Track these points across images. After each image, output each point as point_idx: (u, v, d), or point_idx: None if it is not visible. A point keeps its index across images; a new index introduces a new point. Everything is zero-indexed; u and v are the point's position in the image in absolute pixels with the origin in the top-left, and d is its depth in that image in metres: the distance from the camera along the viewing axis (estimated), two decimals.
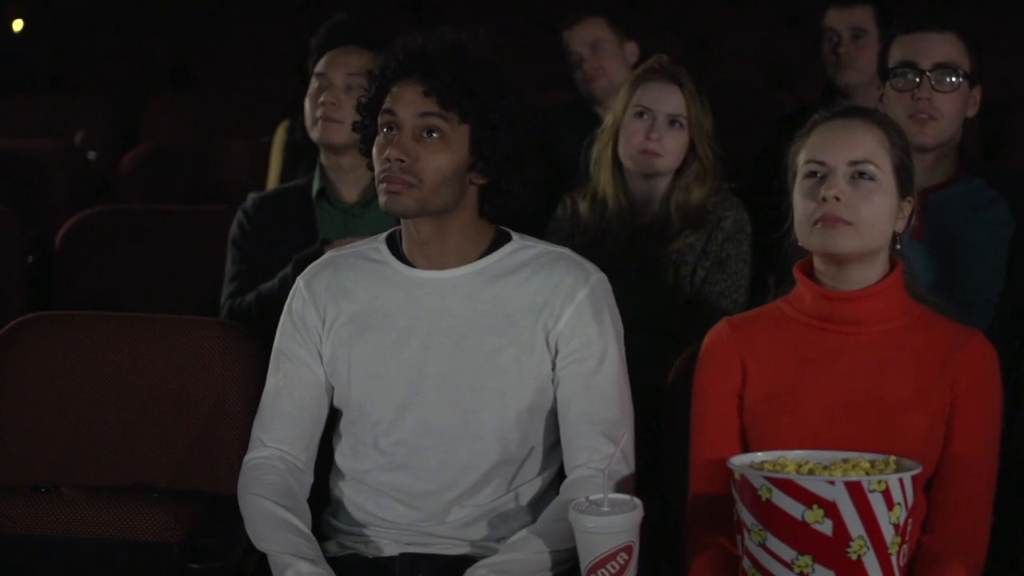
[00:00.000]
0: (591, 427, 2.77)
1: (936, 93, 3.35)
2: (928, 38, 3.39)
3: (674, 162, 3.73)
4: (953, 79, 3.36)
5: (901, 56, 3.40)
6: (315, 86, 3.90)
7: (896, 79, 3.39)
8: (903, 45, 3.42)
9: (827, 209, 2.61)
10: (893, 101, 3.36)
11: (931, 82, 3.35)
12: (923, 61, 3.37)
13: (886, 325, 2.68)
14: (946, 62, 3.36)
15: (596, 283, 2.82)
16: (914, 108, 3.34)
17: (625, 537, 2.49)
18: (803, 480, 2.36)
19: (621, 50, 4.93)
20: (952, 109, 3.37)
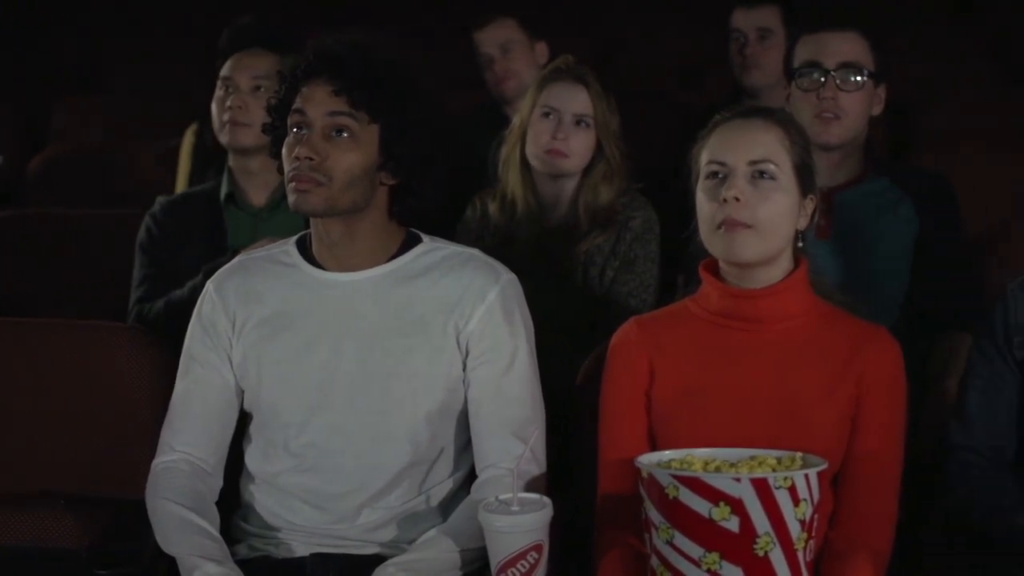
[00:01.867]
0: (501, 427, 2.79)
1: (841, 92, 3.39)
2: (832, 38, 3.43)
3: (581, 162, 3.74)
4: (857, 78, 3.40)
5: (806, 56, 3.44)
6: (221, 90, 3.88)
7: (801, 79, 3.43)
8: (808, 45, 3.46)
9: (728, 212, 2.63)
10: (799, 101, 3.40)
11: (836, 81, 3.39)
12: (827, 61, 3.41)
13: (791, 322, 2.70)
14: (850, 61, 3.41)
15: (506, 284, 2.83)
16: (819, 107, 3.38)
17: (535, 536, 2.50)
18: (710, 478, 2.38)
19: (531, 51, 4.94)
20: (857, 108, 3.41)
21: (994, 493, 2.77)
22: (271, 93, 2.88)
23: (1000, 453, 2.83)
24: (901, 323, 3.32)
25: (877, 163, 3.60)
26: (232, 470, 2.91)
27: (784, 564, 2.39)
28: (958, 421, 2.85)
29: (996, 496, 2.77)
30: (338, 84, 2.74)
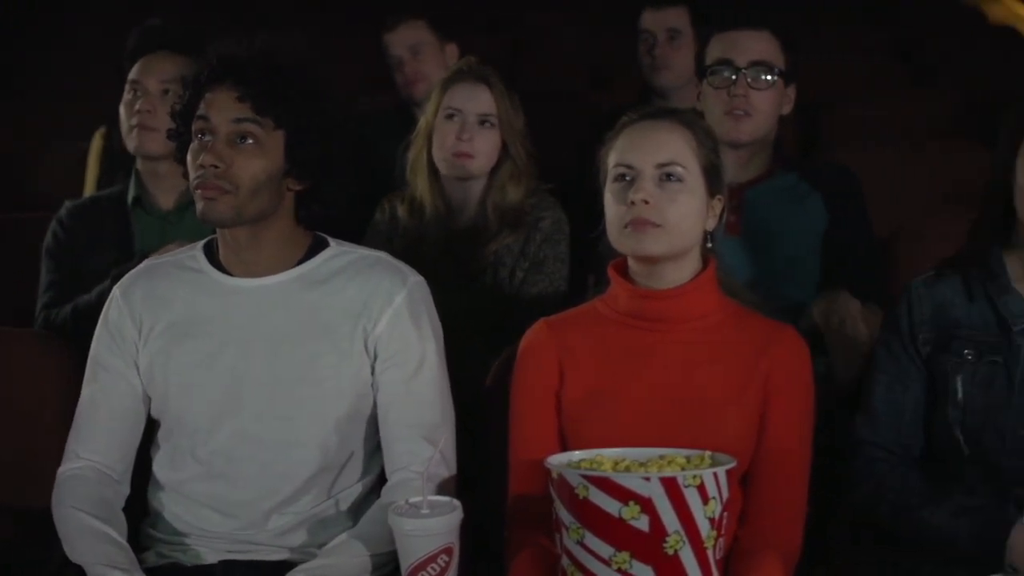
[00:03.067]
0: (411, 431, 2.78)
1: (752, 90, 3.41)
2: (745, 36, 3.46)
3: (487, 163, 3.75)
4: (769, 77, 3.43)
5: (718, 54, 3.46)
6: (129, 93, 3.84)
7: (713, 76, 3.45)
8: (720, 43, 3.48)
9: (636, 213, 2.64)
10: (710, 98, 3.42)
11: (747, 79, 3.42)
12: (739, 59, 3.43)
13: (700, 322, 2.72)
14: (762, 60, 3.43)
15: (414, 286, 2.83)
16: (730, 105, 3.40)
17: (445, 539, 2.50)
18: (619, 477, 2.39)
19: (441, 53, 4.93)
20: (767, 106, 3.43)
21: (901, 489, 2.80)
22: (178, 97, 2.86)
23: (907, 449, 2.86)
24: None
25: (785, 159, 3.63)
26: (140, 477, 2.88)
27: (694, 562, 2.40)
28: (864, 417, 2.88)
29: (903, 492, 2.80)
30: (242, 90, 2.72)
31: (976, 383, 2.77)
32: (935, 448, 2.85)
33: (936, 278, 2.86)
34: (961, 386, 2.78)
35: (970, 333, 2.80)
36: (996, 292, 2.80)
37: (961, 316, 2.81)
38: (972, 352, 2.78)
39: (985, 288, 2.81)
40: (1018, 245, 2.82)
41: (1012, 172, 2.77)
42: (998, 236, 2.85)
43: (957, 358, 2.79)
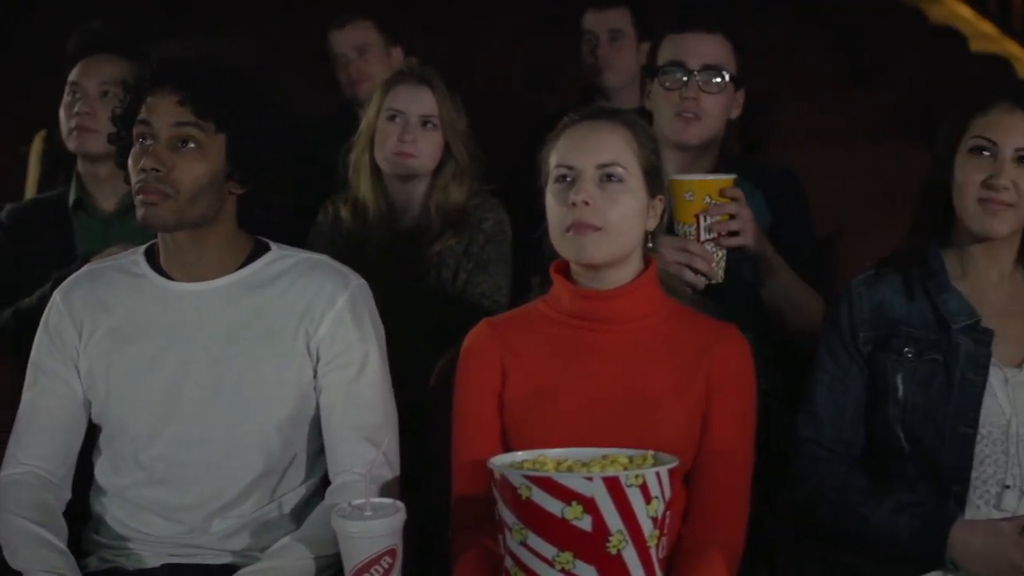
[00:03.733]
0: (354, 432, 2.78)
1: (703, 93, 3.41)
2: (698, 39, 3.46)
3: (430, 163, 3.75)
4: (720, 80, 3.43)
5: (671, 55, 3.46)
6: (69, 95, 3.83)
7: (664, 77, 3.45)
8: (673, 44, 3.48)
9: (577, 215, 2.64)
10: (660, 99, 3.41)
11: (699, 82, 3.41)
12: (692, 61, 3.43)
13: (642, 321, 2.73)
14: (714, 64, 3.43)
15: (356, 289, 2.83)
16: (680, 107, 3.40)
17: (388, 541, 2.50)
18: (561, 477, 2.39)
19: (388, 55, 4.93)
20: (717, 110, 3.44)
21: (842, 487, 2.82)
22: (119, 99, 2.85)
23: (848, 447, 2.88)
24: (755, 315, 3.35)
25: (729, 159, 3.64)
26: (82, 482, 2.87)
27: (637, 562, 2.41)
28: (806, 416, 2.89)
29: (844, 490, 2.81)
30: (183, 94, 2.71)
31: (916, 381, 2.79)
32: (876, 446, 2.87)
33: (876, 277, 2.88)
34: (901, 384, 2.80)
35: (910, 331, 2.82)
36: (935, 290, 2.82)
37: (901, 314, 2.84)
38: (912, 350, 2.81)
39: (925, 286, 2.84)
40: (957, 243, 2.85)
41: (950, 171, 2.80)
42: (937, 234, 2.87)
43: (897, 356, 2.81)
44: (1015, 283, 2.85)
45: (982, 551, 2.70)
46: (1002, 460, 2.76)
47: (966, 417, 2.74)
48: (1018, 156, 2.75)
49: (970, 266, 2.85)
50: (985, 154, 2.76)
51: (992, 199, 2.74)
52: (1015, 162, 2.75)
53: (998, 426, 2.75)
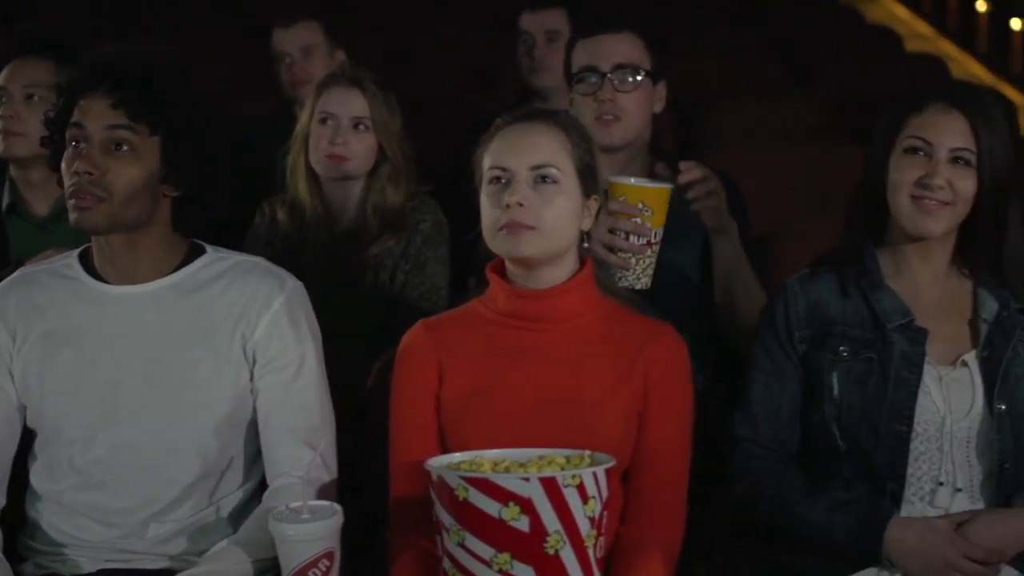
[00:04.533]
0: (291, 435, 2.78)
1: (619, 94, 3.42)
2: (606, 40, 3.46)
3: (364, 165, 3.75)
4: (634, 78, 3.44)
5: (583, 61, 3.47)
6: None
7: (580, 84, 3.46)
8: (583, 49, 3.49)
9: (511, 215, 2.64)
10: (579, 105, 3.42)
11: (613, 83, 3.42)
12: (603, 64, 3.43)
13: (578, 321, 2.73)
14: (626, 63, 3.44)
15: (292, 291, 2.82)
16: (599, 110, 3.40)
17: (326, 543, 2.49)
18: (498, 478, 2.39)
19: (331, 58, 4.91)
20: (636, 108, 3.44)
21: (778, 485, 2.84)
22: (46, 102, 2.83)
23: (784, 446, 2.90)
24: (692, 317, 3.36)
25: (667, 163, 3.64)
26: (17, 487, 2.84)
27: (575, 561, 2.41)
28: (742, 414, 2.91)
29: (780, 488, 2.83)
30: (116, 97, 2.69)
31: (851, 380, 2.81)
32: (812, 444, 2.88)
33: (811, 276, 2.90)
34: (837, 383, 2.82)
35: (845, 330, 2.84)
36: (870, 289, 2.84)
37: (836, 313, 2.85)
38: (847, 349, 2.82)
39: (859, 285, 2.85)
40: (891, 243, 2.87)
41: (885, 170, 2.82)
42: (872, 234, 2.89)
43: (832, 355, 2.83)
44: (949, 282, 2.87)
45: (917, 548, 2.72)
46: (936, 457, 2.78)
47: (901, 415, 2.76)
48: (953, 156, 2.76)
49: (904, 265, 2.87)
50: (920, 154, 2.78)
51: (926, 198, 2.76)
52: (950, 162, 2.76)
53: (932, 424, 2.77)
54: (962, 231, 2.84)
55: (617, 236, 3.09)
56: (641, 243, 3.11)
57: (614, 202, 3.10)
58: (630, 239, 3.09)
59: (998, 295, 2.84)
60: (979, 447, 2.78)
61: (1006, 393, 2.77)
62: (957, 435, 2.78)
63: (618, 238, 3.09)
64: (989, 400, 2.77)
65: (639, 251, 3.10)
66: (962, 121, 2.77)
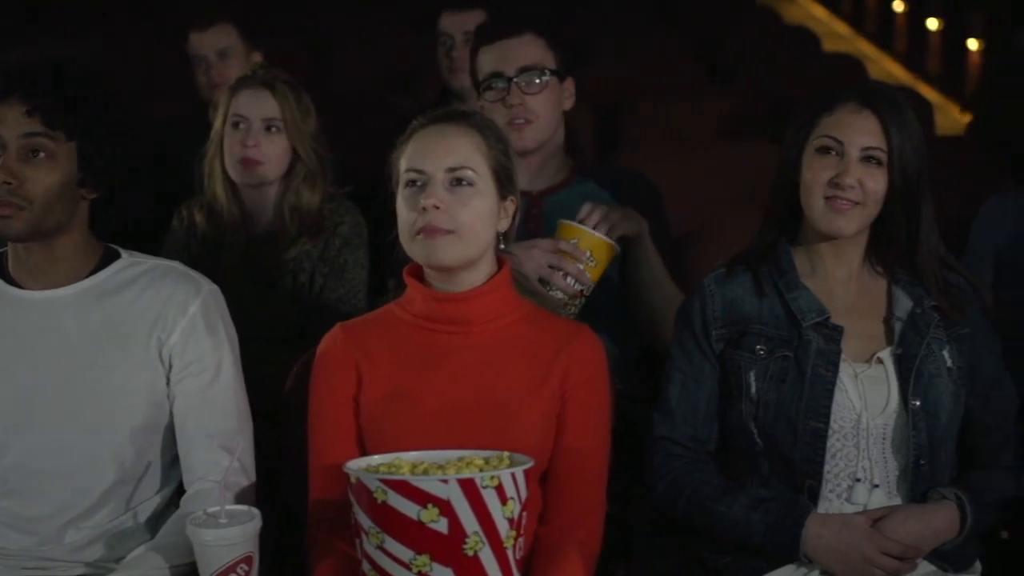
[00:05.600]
0: (208, 440, 2.76)
1: (527, 96, 3.42)
2: (508, 45, 3.46)
3: (278, 167, 3.75)
4: (540, 79, 3.44)
5: (488, 67, 3.48)
6: None
7: (487, 91, 3.46)
8: (487, 56, 3.49)
9: (427, 219, 2.64)
10: (490, 112, 3.39)
11: (520, 87, 3.42)
12: (508, 68, 3.44)
13: (497, 323, 2.73)
14: (530, 64, 3.44)
15: (208, 295, 2.80)
16: (509, 115, 3.40)
17: (244, 548, 2.48)
18: (417, 480, 2.38)
19: (248, 60, 4.89)
20: (545, 108, 3.45)
21: (697, 484, 2.85)
22: None
23: (702, 444, 2.91)
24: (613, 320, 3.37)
25: (584, 166, 3.65)
26: None
27: (494, 563, 2.41)
28: (661, 414, 2.92)
29: (699, 486, 2.85)
30: (31, 104, 2.66)
31: (768, 378, 2.82)
32: (730, 442, 2.90)
33: (727, 275, 2.91)
34: (754, 381, 2.83)
35: (761, 329, 2.85)
36: (785, 288, 2.86)
37: (752, 312, 2.87)
38: (764, 348, 2.84)
39: (775, 284, 2.87)
40: (806, 241, 2.89)
41: (799, 170, 2.84)
42: (787, 233, 2.91)
43: (749, 354, 2.84)
44: (862, 280, 2.90)
45: (835, 545, 2.75)
46: (853, 454, 2.80)
47: (817, 413, 2.78)
48: (864, 155, 2.79)
49: (819, 264, 2.89)
50: (832, 153, 2.80)
51: (838, 198, 2.78)
52: (861, 161, 2.79)
53: (849, 421, 2.80)
54: (875, 229, 2.86)
55: (556, 274, 3.11)
56: (576, 289, 3.13)
57: (564, 242, 3.13)
58: (568, 280, 3.11)
59: (912, 292, 2.87)
60: (895, 443, 2.81)
61: (920, 390, 2.80)
62: (873, 432, 2.80)
63: (557, 276, 3.11)
64: (904, 397, 2.80)
65: (572, 295, 3.12)
66: (873, 120, 2.79)
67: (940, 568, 2.83)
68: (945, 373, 2.83)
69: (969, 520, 2.79)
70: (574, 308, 3.13)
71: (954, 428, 2.86)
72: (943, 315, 2.86)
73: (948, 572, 2.84)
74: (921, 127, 2.89)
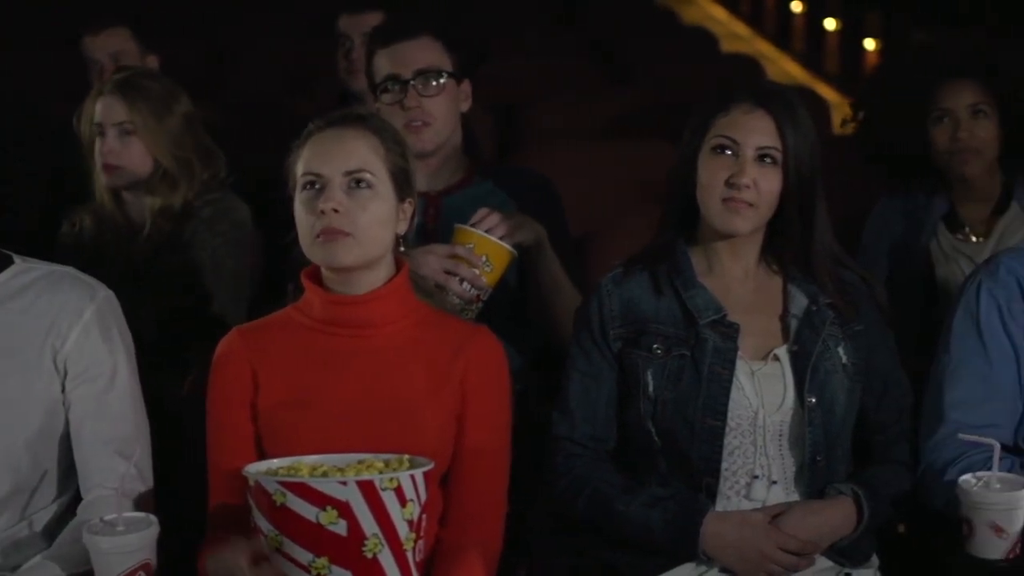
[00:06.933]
0: (104, 446, 2.74)
1: (424, 99, 3.41)
2: (404, 47, 3.45)
3: (140, 169, 3.76)
4: (437, 82, 3.44)
5: (385, 70, 3.46)
6: None
7: (384, 94, 3.45)
8: (384, 58, 3.47)
9: (326, 222, 2.63)
10: (387, 115, 3.35)
11: (417, 89, 3.41)
12: (404, 71, 3.43)
13: (395, 325, 2.73)
14: (426, 67, 3.43)
15: (103, 301, 2.78)
16: (406, 118, 3.39)
17: (142, 555, 2.46)
18: (316, 482, 2.38)
19: (142, 64, 4.86)
20: (443, 110, 3.44)
21: (597, 483, 2.86)
22: None
23: (602, 443, 2.92)
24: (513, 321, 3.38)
25: (482, 166, 3.65)
26: None
27: (393, 565, 2.41)
28: (560, 413, 2.93)
29: (599, 486, 2.86)
30: None
31: (666, 377, 2.84)
32: (630, 441, 2.91)
33: (624, 275, 2.93)
34: (652, 380, 2.84)
35: (659, 328, 2.87)
36: (683, 287, 2.87)
37: (650, 311, 2.88)
38: (661, 347, 2.85)
39: (672, 283, 2.89)
40: (702, 241, 2.91)
41: (694, 170, 2.85)
42: (683, 232, 2.93)
43: (647, 353, 2.86)
44: (759, 278, 2.92)
45: (733, 542, 2.77)
46: (750, 451, 2.82)
47: (714, 411, 2.80)
48: (758, 154, 2.80)
49: (716, 262, 2.91)
50: (727, 153, 2.82)
51: (734, 199, 2.79)
52: (755, 160, 2.80)
53: (746, 418, 2.82)
54: (771, 228, 2.89)
55: (452, 279, 3.11)
56: (472, 294, 3.13)
57: (460, 247, 3.12)
58: (463, 285, 3.11)
59: (807, 290, 2.89)
60: (791, 440, 2.83)
61: (816, 386, 2.83)
62: (770, 429, 2.82)
63: (453, 280, 3.11)
64: (800, 394, 2.82)
65: (468, 300, 3.12)
66: (767, 120, 2.81)
67: (837, 563, 2.85)
68: (840, 370, 2.86)
69: (866, 515, 2.82)
70: (471, 313, 3.13)
71: (850, 424, 2.89)
72: (838, 312, 2.88)
73: (845, 567, 2.86)
74: (815, 126, 2.91)
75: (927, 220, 3.82)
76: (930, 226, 3.82)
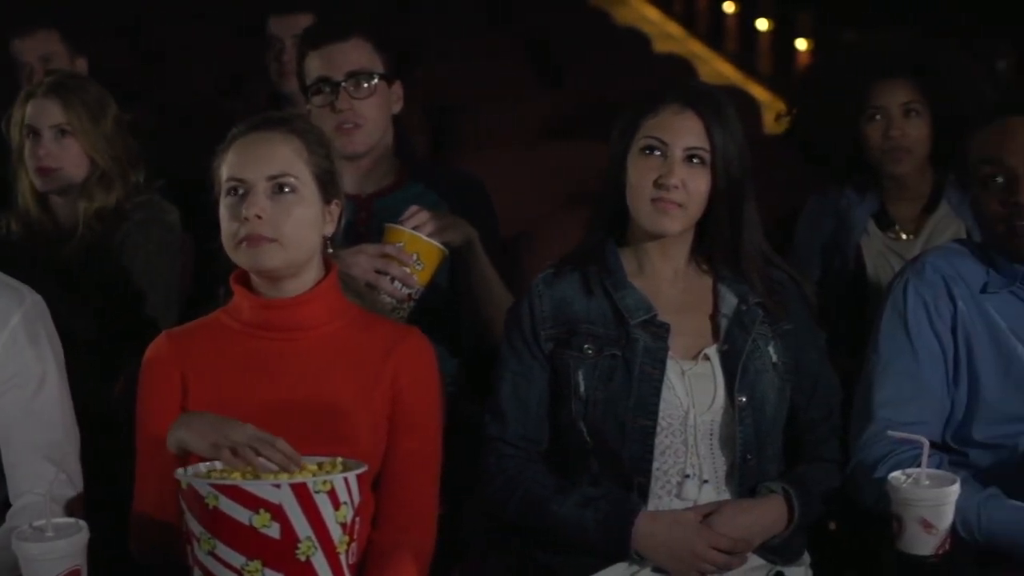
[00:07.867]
0: (33, 452, 2.72)
1: (355, 101, 3.40)
2: (336, 49, 3.44)
3: (76, 171, 3.75)
4: (368, 84, 3.43)
5: (315, 72, 3.45)
6: None
7: (315, 96, 3.44)
8: (315, 60, 3.46)
9: (250, 228, 2.62)
10: (318, 117, 3.37)
11: (348, 91, 3.41)
12: (335, 73, 3.42)
13: (324, 328, 2.72)
14: (358, 69, 3.43)
15: (31, 306, 2.76)
16: (338, 120, 3.39)
17: (71, 561, 2.43)
18: (248, 485, 2.38)
19: (72, 65, 4.83)
20: (374, 112, 3.44)
21: (529, 484, 2.86)
22: None
23: (534, 444, 2.93)
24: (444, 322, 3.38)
25: (414, 168, 3.65)
26: None
27: (327, 567, 2.41)
28: (492, 414, 2.93)
29: (530, 487, 2.86)
30: None
31: (597, 377, 2.84)
32: (562, 442, 2.92)
33: (556, 275, 2.93)
34: (583, 380, 2.85)
35: (590, 328, 2.87)
36: (613, 287, 2.88)
37: (581, 311, 2.89)
38: (592, 347, 2.86)
39: (603, 284, 2.89)
40: (632, 241, 2.92)
41: (624, 171, 2.86)
42: (614, 233, 2.94)
43: (578, 353, 2.86)
44: (688, 278, 2.93)
45: (665, 541, 2.78)
46: (681, 451, 2.83)
47: (645, 410, 2.81)
48: (687, 155, 2.81)
49: (646, 263, 2.92)
50: (656, 154, 2.82)
51: (663, 199, 2.80)
52: (684, 161, 2.81)
53: (677, 417, 2.83)
54: (701, 227, 2.90)
55: (383, 278, 3.10)
56: (403, 293, 3.12)
57: (391, 246, 3.12)
58: (395, 284, 3.11)
59: (737, 290, 2.91)
60: (722, 439, 2.85)
61: (746, 385, 2.84)
62: (701, 428, 2.83)
63: (384, 280, 3.10)
64: (730, 393, 2.84)
65: (400, 299, 3.12)
66: (696, 121, 2.82)
67: (769, 561, 2.87)
68: (770, 368, 2.87)
69: (797, 513, 2.83)
70: (403, 312, 3.13)
71: (780, 422, 2.90)
72: (767, 312, 2.90)
73: (777, 565, 2.87)
74: (747, 126, 2.93)
75: (858, 218, 3.85)
76: (861, 224, 3.84)
